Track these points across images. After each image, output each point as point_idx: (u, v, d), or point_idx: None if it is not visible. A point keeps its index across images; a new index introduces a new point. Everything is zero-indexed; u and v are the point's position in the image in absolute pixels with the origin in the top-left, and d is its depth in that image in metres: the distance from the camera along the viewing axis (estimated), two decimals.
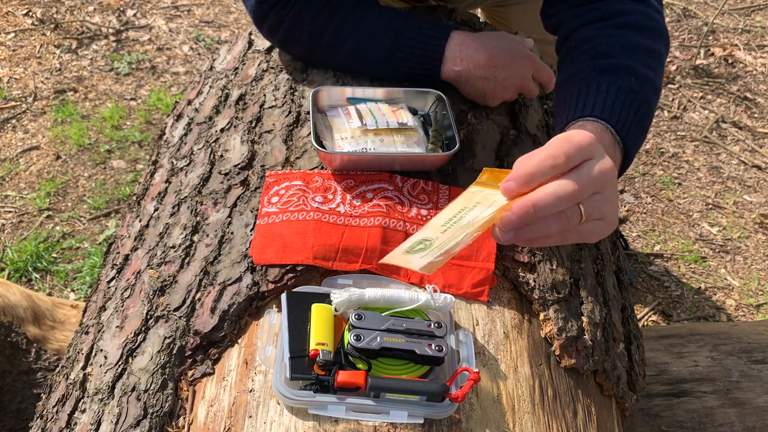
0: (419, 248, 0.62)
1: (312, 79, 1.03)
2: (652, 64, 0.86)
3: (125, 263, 0.91)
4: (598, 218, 0.62)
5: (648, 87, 0.83)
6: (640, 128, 0.81)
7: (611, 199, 0.62)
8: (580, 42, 0.89)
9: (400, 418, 0.65)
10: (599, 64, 0.84)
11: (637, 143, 0.81)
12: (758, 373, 1.15)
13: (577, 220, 0.60)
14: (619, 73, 0.82)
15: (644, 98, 0.81)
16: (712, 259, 1.96)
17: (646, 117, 0.82)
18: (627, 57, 0.84)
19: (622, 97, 0.79)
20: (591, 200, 0.60)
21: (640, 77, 0.82)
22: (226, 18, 2.80)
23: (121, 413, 0.72)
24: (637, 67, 0.83)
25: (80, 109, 2.28)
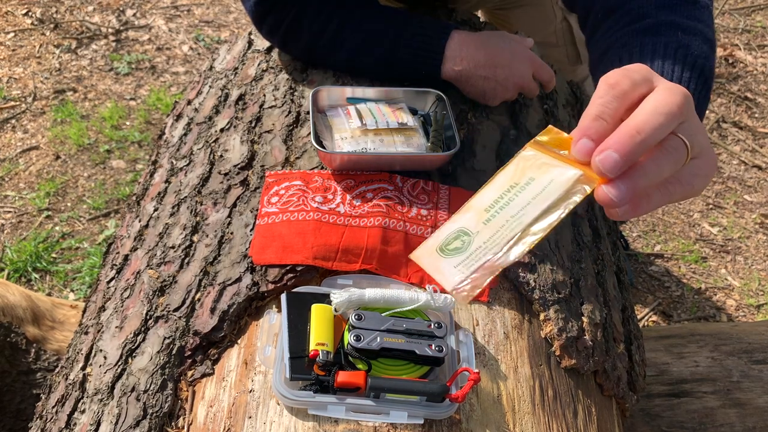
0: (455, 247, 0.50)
1: (312, 79, 1.03)
2: (697, 14, 0.75)
3: (125, 263, 0.91)
4: (695, 155, 0.51)
5: (698, 39, 0.72)
6: (701, 84, 0.70)
7: (700, 127, 0.51)
8: (609, 11, 0.79)
9: (400, 418, 0.65)
10: (636, 28, 0.74)
11: (703, 100, 0.70)
12: (759, 373, 1.15)
13: (685, 154, 0.48)
14: (661, 31, 0.71)
15: (697, 51, 0.70)
16: (713, 260, 1.96)
17: (705, 71, 0.70)
18: (665, 13, 0.74)
19: (671, 53, 0.69)
20: (683, 128, 0.49)
21: (686, 31, 0.72)
22: (226, 18, 2.80)
23: (120, 414, 0.72)
24: (680, 21, 0.73)
25: (80, 109, 2.28)
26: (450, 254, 0.50)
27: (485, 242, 0.49)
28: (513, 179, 0.51)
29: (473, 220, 0.51)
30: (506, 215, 0.49)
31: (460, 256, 0.49)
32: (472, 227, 0.50)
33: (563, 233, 0.89)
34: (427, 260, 0.51)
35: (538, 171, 0.50)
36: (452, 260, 0.49)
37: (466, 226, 0.50)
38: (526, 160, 0.51)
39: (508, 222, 0.49)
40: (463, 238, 0.50)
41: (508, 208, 0.50)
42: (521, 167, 0.51)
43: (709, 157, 0.52)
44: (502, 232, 0.49)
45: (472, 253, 0.49)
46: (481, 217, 0.50)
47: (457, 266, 0.49)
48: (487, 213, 0.50)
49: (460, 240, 0.50)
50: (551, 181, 0.49)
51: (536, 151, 0.52)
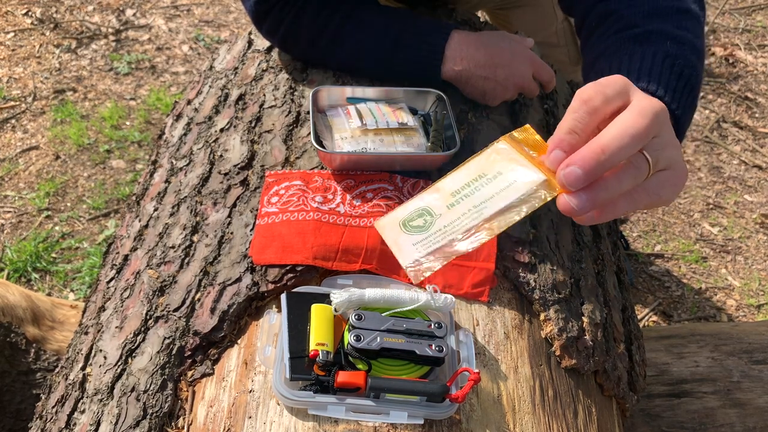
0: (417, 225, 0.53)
1: (312, 79, 1.03)
2: (687, 24, 0.77)
3: (125, 263, 0.91)
4: (664, 168, 0.53)
5: (686, 49, 0.74)
6: (686, 92, 0.71)
7: (673, 141, 0.53)
8: (602, 17, 0.81)
9: (400, 418, 0.65)
10: (626, 35, 0.76)
11: (688, 109, 0.72)
12: (759, 373, 1.15)
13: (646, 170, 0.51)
14: (650, 39, 0.74)
15: (685, 61, 0.72)
16: (713, 260, 1.96)
17: (692, 79, 0.72)
18: (656, 22, 0.76)
19: (659, 62, 0.71)
20: (652, 144, 0.51)
21: (675, 40, 0.74)
22: (226, 18, 2.80)
23: (120, 414, 0.72)
24: (670, 30, 0.75)
25: (80, 109, 2.28)
26: (411, 231, 0.52)
27: (445, 226, 0.52)
28: (482, 169, 0.53)
29: (439, 202, 0.53)
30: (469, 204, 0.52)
31: (420, 235, 0.52)
32: (437, 209, 0.52)
33: (563, 233, 0.89)
34: (389, 232, 0.53)
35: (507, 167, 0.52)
36: (412, 237, 0.52)
37: (431, 207, 0.53)
38: (498, 152, 0.53)
39: (470, 211, 0.52)
40: (426, 218, 0.52)
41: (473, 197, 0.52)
42: (492, 159, 0.53)
43: (679, 170, 0.54)
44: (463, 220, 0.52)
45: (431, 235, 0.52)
46: (446, 201, 0.53)
47: (416, 244, 0.52)
48: (452, 197, 0.53)
49: (423, 219, 0.53)
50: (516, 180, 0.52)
51: (509, 146, 0.54)
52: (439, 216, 0.53)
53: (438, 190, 0.54)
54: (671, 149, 0.53)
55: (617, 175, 0.50)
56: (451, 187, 0.53)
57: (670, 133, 0.54)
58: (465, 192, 0.53)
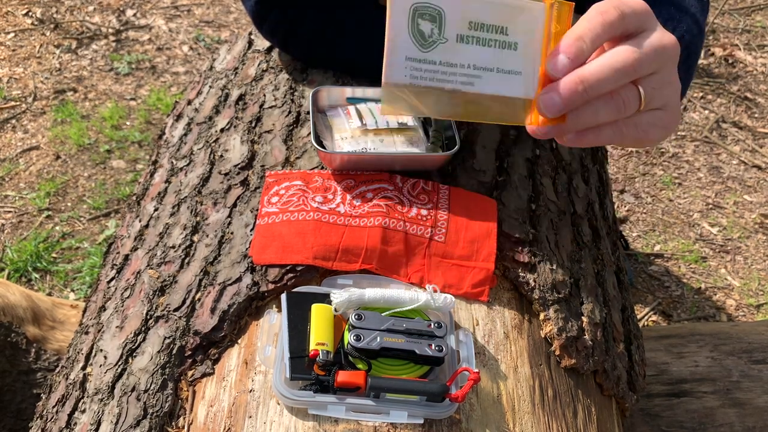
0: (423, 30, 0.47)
1: (312, 79, 1.03)
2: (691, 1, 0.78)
3: (125, 263, 0.91)
4: (658, 107, 0.52)
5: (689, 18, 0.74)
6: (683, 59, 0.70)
7: (672, 81, 0.52)
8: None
9: (400, 418, 0.65)
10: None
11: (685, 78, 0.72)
12: (758, 373, 1.15)
13: (636, 106, 0.51)
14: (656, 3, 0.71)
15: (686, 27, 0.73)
16: (713, 259, 1.96)
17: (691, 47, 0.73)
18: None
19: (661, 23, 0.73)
20: (649, 80, 0.51)
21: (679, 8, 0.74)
22: (226, 18, 2.80)
23: (121, 413, 0.72)
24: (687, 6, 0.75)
25: (80, 109, 2.28)
26: (414, 35, 0.47)
27: (442, 63, 0.48)
28: (508, 22, 0.49)
29: (456, 17, 0.48)
30: (472, 56, 0.49)
31: (418, 50, 0.47)
32: (450, 25, 0.47)
33: (563, 233, 0.89)
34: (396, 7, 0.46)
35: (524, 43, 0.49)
36: (410, 47, 0.47)
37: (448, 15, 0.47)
38: (531, 14, 0.49)
39: (467, 68, 0.49)
40: (434, 27, 0.47)
41: (480, 50, 0.49)
42: (522, 19, 0.49)
43: (673, 112, 0.53)
44: (457, 73, 0.49)
45: (427, 62, 0.48)
46: (461, 25, 0.48)
47: (409, 60, 0.48)
48: (467, 29, 0.48)
49: (432, 25, 0.47)
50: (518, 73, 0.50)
51: (543, 18, 0.49)
52: (445, 40, 0.48)
53: (465, 1, 0.48)
54: (669, 89, 0.52)
55: (598, 103, 0.49)
56: (475, 15, 0.48)
57: (672, 72, 0.52)
58: (480, 35, 0.48)
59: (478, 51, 0.49)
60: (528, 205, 0.88)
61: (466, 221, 0.83)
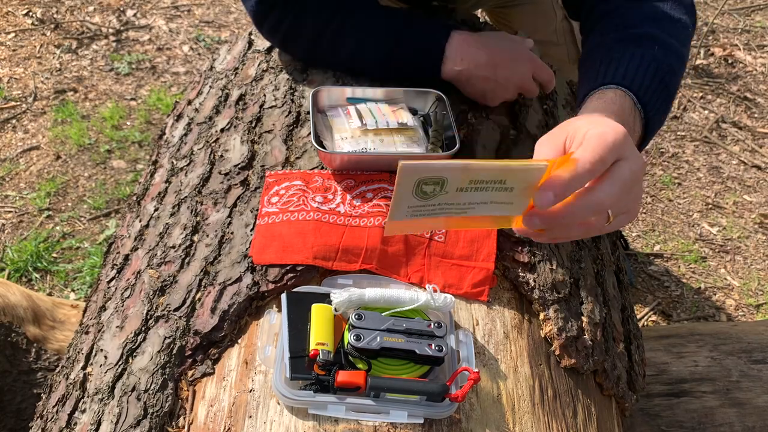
0: (426, 191, 0.54)
1: (312, 79, 1.03)
2: (677, 33, 0.84)
3: (125, 263, 0.91)
4: (624, 213, 0.61)
5: (672, 56, 0.81)
6: (663, 97, 0.78)
7: (637, 194, 0.61)
8: (603, 14, 0.88)
9: (400, 418, 0.65)
10: (622, 35, 0.82)
11: (660, 112, 0.79)
12: (758, 373, 1.15)
13: (604, 225, 0.60)
14: (642, 42, 0.80)
15: (668, 67, 0.79)
16: (712, 259, 1.96)
17: (670, 85, 0.80)
18: (650, 27, 0.82)
19: (645, 65, 0.77)
20: (620, 202, 0.60)
21: (663, 46, 0.80)
22: (226, 18, 2.80)
23: (121, 413, 0.72)
24: (661, 36, 0.81)
25: (80, 109, 2.28)
26: (418, 194, 0.55)
27: (440, 204, 0.56)
28: (508, 177, 0.56)
29: (457, 180, 0.54)
30: (469, 197, 0.56)
31: (419, 201, 0.55)
32: (451, 184, 0.54)
33: None
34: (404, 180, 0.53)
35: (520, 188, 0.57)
36: (412, 200, 0.55)
37: (450, 181, 0.54)
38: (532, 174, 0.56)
39: (462, 204, 0.56)
40: (437, 188, 0.55)
41: (478, 193, 0.56)
42: (522, 176, 0.56)
43: (633, 212, 0.62)
44: (453, 208, 0.56)
45: (427, 205, 0.55)
46: (462, 183, 0.55)
47: (411, 207, 0.55)
48: (468, 184, 0.55)
49: (435, 187, 0.55)
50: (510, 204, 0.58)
51: (544, 174, 0.56)
52: (445, 193, 0.55)
53: (470, 170, 0.54)
54: (634, 201, 0.61)
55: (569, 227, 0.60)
56: (478, 176, 0.55)
57: (640, 187, 0.62)
58: (478, 186, 0.55)
59: (476, 194, 0.56)
60: None
61: None
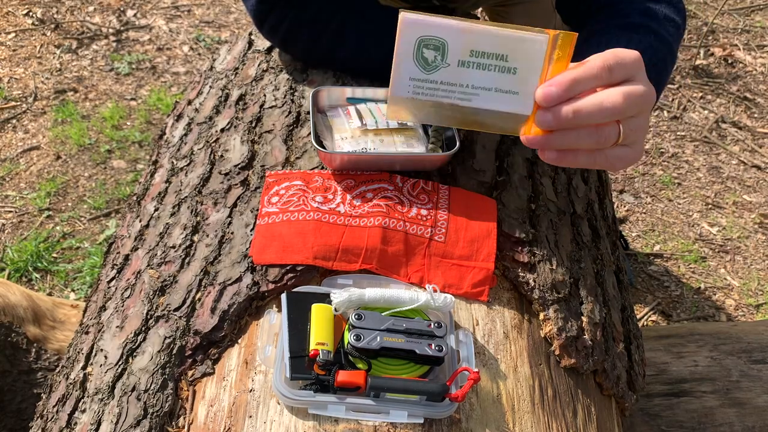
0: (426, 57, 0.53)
1: (312, 79, 1.03)
2: (671, 30, 0.86)
3: (125, 263, 0.91)
4: (628, 144, 0.61)
5: (666, 49, 0.82)
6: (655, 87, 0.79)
7: (645, 126, 0.62)
8: (600, 7, 0.89)
9: (400, 417, 0.65)
10: (620, 23, 0.84)
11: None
12: (758, 373, 1.15)
13: (614, 140, 0.59)
14: (640, 30, 0.82)
15: (661, 58, 0.81)
16: (712, 259, 1.96)
17: (662, 76, 0.81)
18: (646, 20, 0.84)
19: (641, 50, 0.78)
20: (630, 122, 0.59)
21: (659, 38, 0.82)
22: (227, 18, 2.80)
23: (121, 413, 0.72)
24: (657, 29, 0.83)
25: (80, 109, 2.28)
26: (419, 61, 0.54)
27: (443, 83, 0.54)
28: (509, 50, 0.54)
29: (458, 46, 0.53)
30: (473, 77, 0.54)
31: (421, 73, 0.54)
32: (452, 53, 0.53)
33: (563, 233, 0.89)
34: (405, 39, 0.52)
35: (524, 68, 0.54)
36: (414, 69, 0.53)
37: (450, 45, 0.53)
38: (532, 46, 0.54)
39: (468, 87, 0.54)
40: (438, 55, 0.53)
41: (480, 72, 0.54)
42: (523, 48, 0.54)
43: (638, 150, 0.62)
44: (457, 91, 0.55)
45: (429, 81, 0.54)
46: (463, 53, 0.53)
47: (413, 80, 0.54)
48: (469, 56, 0.53)
49: (435, 53, 0.53)
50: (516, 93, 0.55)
51: (545, 48, 0.54)
52: (447, 65, 0.54)
53: (470, 32, 0.53)
54: (641, 132, 0.61)
55: (582, 132, 0.57)
56: (478, 44, 0.53)
57: (647, 118, 0.62)
58: (480, 61, 0.54)
59: (477, 74, 0.54)
60: (528, 205, 0.88)
61: (466, 221, 0.83)
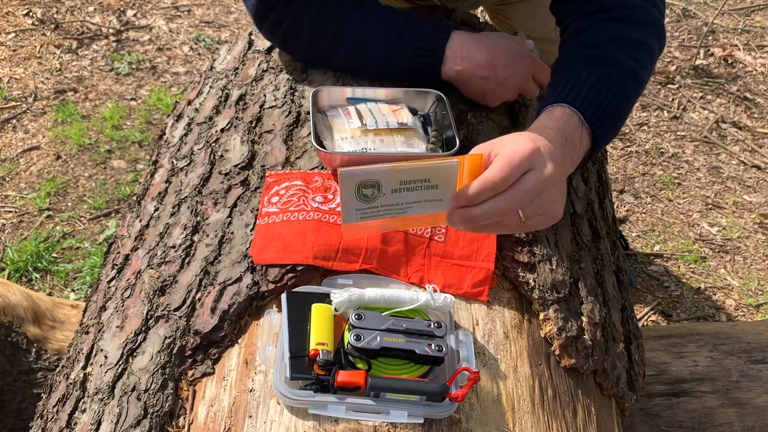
0: (365, 194, 0.66)
1: (312, 79, 1.03)
2: (639, 56, 0.89)
3: (125, 263, 0.91)
4: (540, 215, 0.71)
5: (628, 78, 0.87)
6: (613, 117, 0.85)
7: (553, 198, 0.71)
8: (575, 32, 0.93)
9: (400, 417, 0.65)
10: (584, 54, 0.88)
11: (609, 131, 0.85)
12: (758, 372, 1.15)
13: (517, 224, 0.70)
14: (601, 64, 0.86)
15: (622, 89, 0.85)
16: (712, 259, 1.96)
17: (622, 106, 0.86)
18: (613, 49, 0.87)
19: (598, 86, 0.83)
20: (529, 207, 0.69)
21: (621, 68, 0.86)
22: (226, 18, 2.80)
23: (121, 413, 0.72)
24: (621, 59, 0.86)
25: (80, 109, 2.28)
26: (360, 198, 0.67)
27: (384, 206, 0.68)
28: (430, 175, 0.67)
29: (390, 181, 0.66)
30: (405, 198, 0.68)
31: (364, 204, 0.67)
32: (385, 186, 0.67)
33: (563, 233, 0.89)
34: (346, 187, 0.66)
35: (443, 185, 0.68)
36: (357, 203, 0.67)
37: (383, 183, 0.66)
38: (448, 170, 0.67)
39: (402, 204, 0.68)
40: (375, 191, 0.67)
41: (410, 193, 0.67)
42: (440, 172, 0.67)
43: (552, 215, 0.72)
44: (395, 208, 0.68)
45: (372, 208, 0.67)
46: (394, 184, 0.67)
47: (359, 210, 0.67)
48: (400, 185, 0.67)
49: (372, 190, 0.67)
50: (440, 201, 0.69)
51: (457, 169, 0.68)
52: (383, 195, 0.67)
53: (397, 171, 0.66)
54: (549, 204, 0.71)
55: (484, 225, 0.70)
56: (405, 176, 0.67)
57: (553, 191, 0.70)
58: (409, 186, 0.67)
59: (409, 194, 0.68)
60: None
61: None
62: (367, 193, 0.66)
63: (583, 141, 0.81)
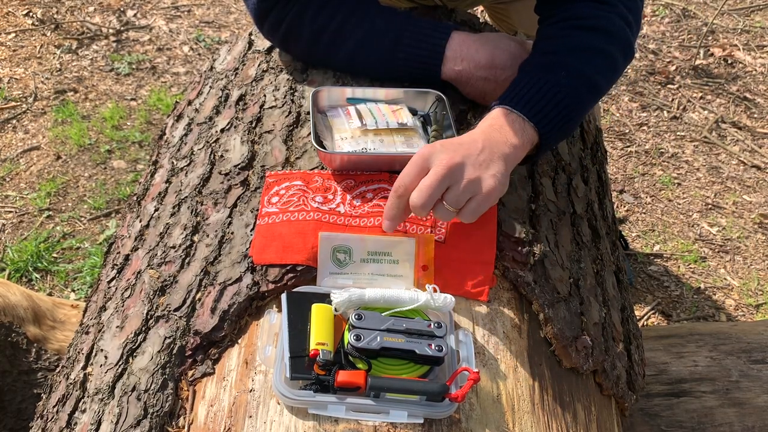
0: (338, 258, 0.76)
1: (312, 80, 1.03)
2: (597, 63, 0.90)
3: (125, 263, 0.91)
4: (470, 197, 0.74)
5: (580, 82, 0.88)
6: (559, 120, 0.86)
7: (471, 177, 0.74)
8: (542, 38, 0.95)
9: (400, 417, 0.65)
10: (541, 60, 0.90)
11: (556, 133, 0.87)
12: (757, 372, 1.15)
13: (451, 213, 0.75)
14: (552, 69, 0.88)
15: (572, 92, 0.87)
16: (712, 259, 1.96)
17: (570, 109, 0.87)
18: (570, 56, 0.90)
19: (545, 90, 0.85)
20: (449, 194, 0.74)
21: (572, 73, 0.88)
22: (227, 18, 2.80)
23: (121, 413, 0.72)
24: (575, 65, 0.88)
25: (80, 110, 2.28)
26: (334, 261, 0.77)
27: (353, 274, 0.76)
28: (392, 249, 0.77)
29: (359, 250, 0.77)
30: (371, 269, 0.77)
31: (337, 268, 0.77)
32: (355, 254, 0.77)
33: (563, 233, 0.89)
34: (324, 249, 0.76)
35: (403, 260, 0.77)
36: (332, 266, 0.77)
37: (354, 250, 0.77)
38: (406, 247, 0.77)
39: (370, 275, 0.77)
40: (346, 257, 0.77)
41: (375, 265, 0.77)
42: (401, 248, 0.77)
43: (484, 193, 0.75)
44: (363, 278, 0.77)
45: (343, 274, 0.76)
46: (362, 254, 0.77)
47: (332, 274, 0.77)
48: (367, 255, 0.77)
49: (344, 255, 0.77)
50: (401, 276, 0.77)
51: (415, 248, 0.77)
52: (353, 262, 0.77)
53: (364, 240, 0.77)
54: (470, 185, 0.74)
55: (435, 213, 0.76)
56: (372, 247, 0.77)
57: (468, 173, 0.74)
58: (374, 257, 0.77)
59: (374, 266, 0.77)
60: (528, 205, 0.89)
61: None
62: (341, 257, 0.76)
63: (527, 129, 0.83)
